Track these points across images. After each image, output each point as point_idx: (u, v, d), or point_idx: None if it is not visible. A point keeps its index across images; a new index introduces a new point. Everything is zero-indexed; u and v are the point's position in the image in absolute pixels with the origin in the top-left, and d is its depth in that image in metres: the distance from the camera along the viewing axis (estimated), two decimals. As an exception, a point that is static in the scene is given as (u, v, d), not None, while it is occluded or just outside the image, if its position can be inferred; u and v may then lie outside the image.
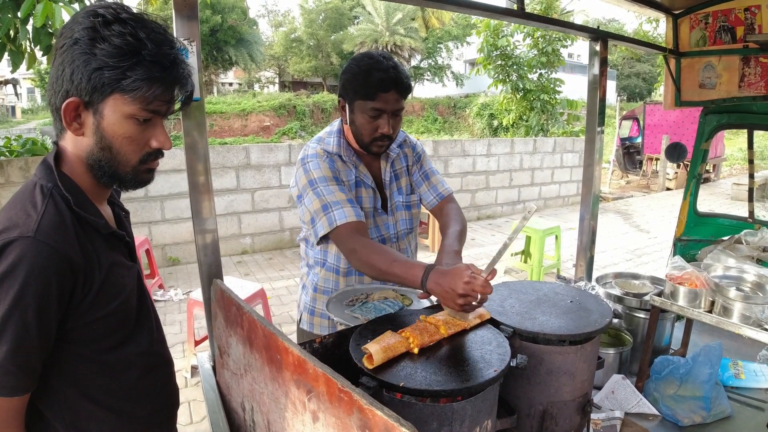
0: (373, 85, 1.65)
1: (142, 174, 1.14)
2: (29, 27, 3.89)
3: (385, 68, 1.65)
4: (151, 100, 1.03)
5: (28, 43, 4.05)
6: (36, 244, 0.96)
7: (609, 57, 2.54)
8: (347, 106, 1.75)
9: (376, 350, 1.13)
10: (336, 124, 1.90)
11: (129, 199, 5.64)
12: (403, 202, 1.97)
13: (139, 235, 5.36)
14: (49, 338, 1.02)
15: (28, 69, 4.51)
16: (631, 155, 15.42)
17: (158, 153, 1.13)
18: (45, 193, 1.03)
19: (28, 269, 0.95)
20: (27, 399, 1.05)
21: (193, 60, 1.45)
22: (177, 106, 1.13)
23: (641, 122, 14.99)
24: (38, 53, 4.18)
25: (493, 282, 1.32)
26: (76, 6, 3.86)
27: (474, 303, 1.32)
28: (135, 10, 1.05)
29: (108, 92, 1.00)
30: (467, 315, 1.36)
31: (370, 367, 1.12)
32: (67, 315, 1.04)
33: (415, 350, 1.20)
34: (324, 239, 1.74)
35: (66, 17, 3.63)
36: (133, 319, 1.20)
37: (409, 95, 1.77)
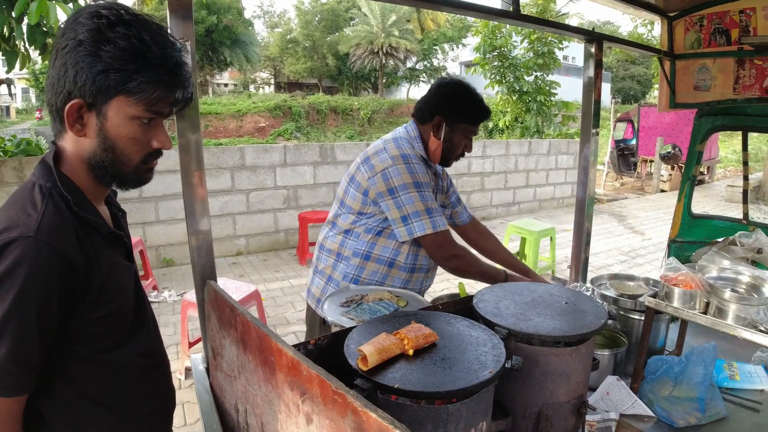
0: (480, 113, 1.99)
1: (144, 173, 1.14)
2: (24, 26, 3.87)
3: (483, 101, 2.00)
4: (155, 102, 1.03)
5: (22, 43, 4.03)
6: (37, 244, 0.96)
7: (603, 59, 2.54)
8: (445, 125, 1.97)
9: (370, 352, 1.12)
10: (410, 130, 2.06)
11: (123, 199, 5.60)
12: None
13: (133, 235, 5.32)
14: (49, 338, 1.01)
15: (21, 69, 4.48)
16: (625, 157, 15.47)
17: (158, 152, 1.13)
18: (44, 193, 1.03)
19: (29, 269, 0.95)
20: (25, 399, 1.04)
21: (187, 60, 1.44)
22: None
23: (636, 124, 15.03)
24: (33, 53, 4.16)
25: (485, 283, 1.33)
26: (71, 5, 3.84)
27: None
28: (137, 12, 1.05)
29: (113, 94, 1.00)
30: None
31: (365, 368, 1.11)
32: (67, 315, 1.03)
33: (410, 352, 1.19)
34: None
35: (61, 15, 3.61)
36: (131, 319, 1.20)
37: (407, 98, 1.89)
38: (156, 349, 1.32)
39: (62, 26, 1.03)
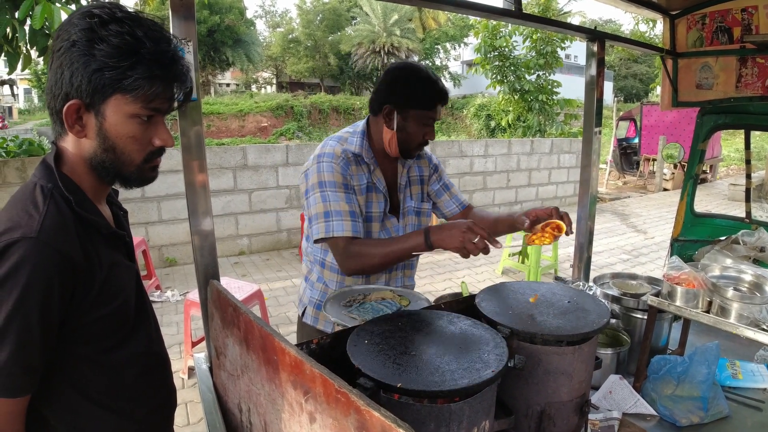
0: (434, 96, 1.77)
1: (147, 172, 1.14)
2: (26, 28, 3.88)
3: (438, 81, 1.79)
4: (152, 98, 1.03)
5: (24, 44, 4.04)
6: (39, 245, 0.96)
7: (606, 58, 2.54)
8: (396, 113, 1.80)
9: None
10: (360, 125, 1.94)
11: (126, 199, 5.62)
12: (414, 208, 2.03)
13: (135, 235, 5.34)
14: (51, 339, 1.01)
15: (23, 69, 4.50)
16: (628, 156, 15.44)
17: (161, 150, 1.13)
18: (46, 194, 1.03)
19: (31, 270, 0.95)
20: (28, 400, 1.04)
21: (189, 60, 1.44)
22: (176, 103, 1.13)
23: (638, 123, 15.00)
24: (34, 54, 4.17)
25: (490, 282, 1.34)
26: (74, 7, 3.85)
27: (474, 243, 1.49)
28: (130, 9, 1.05)
29: (109, 93, 1.00)
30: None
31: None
32: (67, 315, 1.03)
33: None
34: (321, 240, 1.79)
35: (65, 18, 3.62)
36: (131, 319, 1.20)
37: None
38: (156, 349, 1.32)
39: (57, 29, 1.03)
